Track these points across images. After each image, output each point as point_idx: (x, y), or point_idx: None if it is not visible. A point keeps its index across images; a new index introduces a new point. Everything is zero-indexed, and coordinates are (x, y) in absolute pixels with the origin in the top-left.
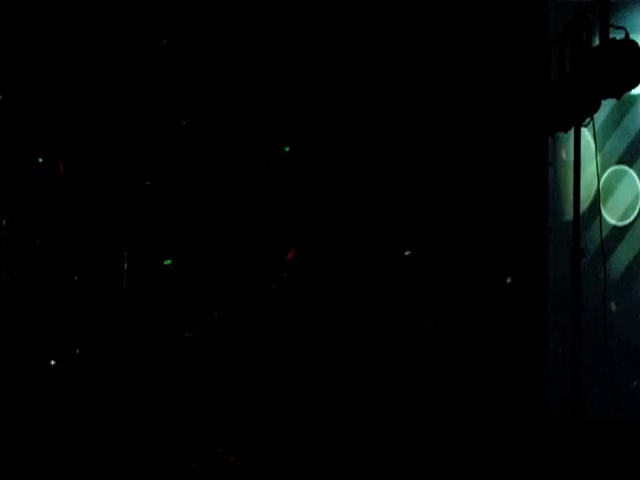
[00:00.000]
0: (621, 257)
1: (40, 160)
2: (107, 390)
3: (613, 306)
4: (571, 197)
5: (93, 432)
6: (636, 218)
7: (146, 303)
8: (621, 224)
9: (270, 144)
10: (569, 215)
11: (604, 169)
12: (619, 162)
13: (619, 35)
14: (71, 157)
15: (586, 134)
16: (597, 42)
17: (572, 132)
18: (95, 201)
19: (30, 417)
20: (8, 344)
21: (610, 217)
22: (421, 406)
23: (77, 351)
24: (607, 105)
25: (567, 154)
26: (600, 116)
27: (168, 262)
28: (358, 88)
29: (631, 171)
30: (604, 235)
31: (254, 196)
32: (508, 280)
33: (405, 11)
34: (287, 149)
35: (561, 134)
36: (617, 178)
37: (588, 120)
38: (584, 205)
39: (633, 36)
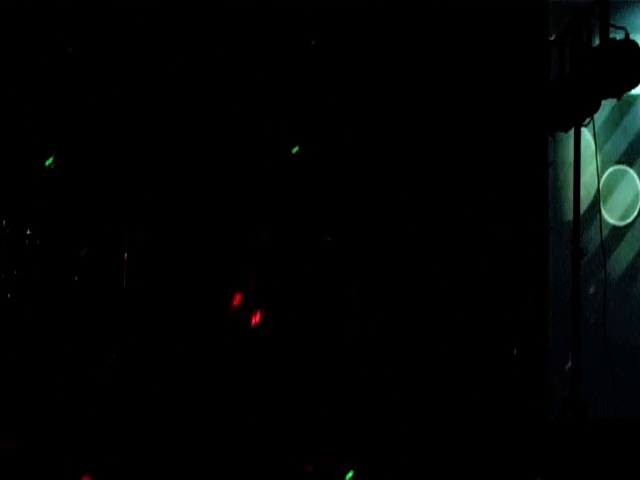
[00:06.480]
0: (621, 257)
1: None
2: (108, 390)
3: (613, 306)
4: (571, 197)
5: (94, 431)
6: (636, 218)
7: (146, 303)
8: (621, 224)
9: (275, 145)
10: (569, 215)
11: (604, 169)
12: (619, 162)
13: (619, 35)
14: (71, 157)
15: (586, 134)
16: (597, 42)
17: (572, 132)
18: (95, 201)
19: (31, 416)
20: (8, 344)
21: (610, 217)
22: (421, 406)
23: (77, 351)
24: (607, 105)
25: (567, 154)
26: (600, 116)
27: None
28: (358, 89)
29: (631, 171)
30: (604, 235)
31: (257, 195)
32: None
33: (406, 12)
34: (295, 151)
35: (561, 134)
36: (617, 178)
37: (588, 120)
38: (584, 205)
39: (633, 36)
